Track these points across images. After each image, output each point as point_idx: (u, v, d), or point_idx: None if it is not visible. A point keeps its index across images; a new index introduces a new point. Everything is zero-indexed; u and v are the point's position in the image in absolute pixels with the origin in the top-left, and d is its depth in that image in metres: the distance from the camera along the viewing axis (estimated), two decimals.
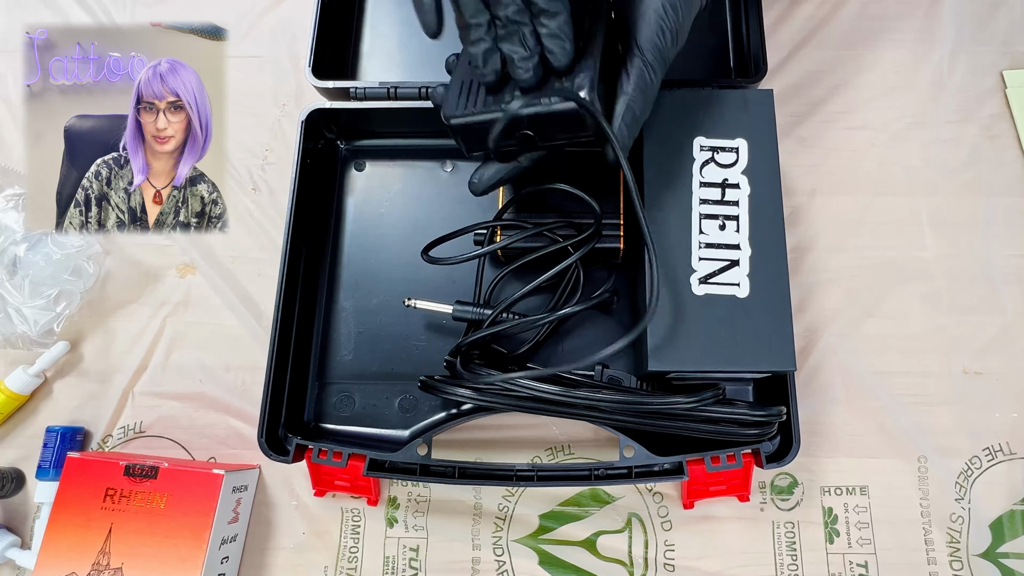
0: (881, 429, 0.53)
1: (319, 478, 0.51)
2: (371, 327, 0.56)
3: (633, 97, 0.42)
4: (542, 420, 0.54)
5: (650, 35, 0.42)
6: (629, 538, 0.52)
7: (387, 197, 0.59)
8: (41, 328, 0.55)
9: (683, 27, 0.42)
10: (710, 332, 0.44)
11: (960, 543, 0.50)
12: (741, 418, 0.45)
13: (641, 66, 0.42)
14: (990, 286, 0.56)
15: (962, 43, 0.62)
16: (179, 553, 0.47)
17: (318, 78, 0.57)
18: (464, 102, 0.43)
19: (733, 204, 0.46)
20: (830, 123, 0.60)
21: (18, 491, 0.54)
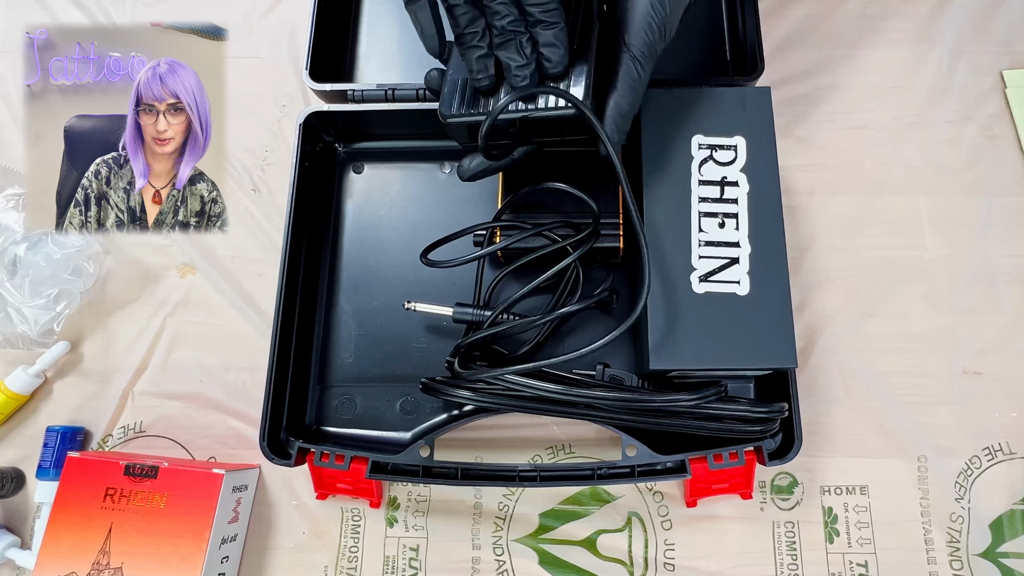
0: (881, 429, 0.53)
1: (321, 481, 0.51)
2: (371, 329, 0.56)
3: (622, 93, 0.42)
4: (543, 419, 0.54)
5: (638, 30, 0.42)
6: (629, 537, 0.52)
7: (386, 199, 0.59)
8: (41, 328, 0.55)
9: (671, 22, 0.43)
10: (711, 330, 0.44)
11: (960, 543, 0.50)
12: (743, 415, 0.45)
13: (630, 62, 0.42)
14: (990, 286, 0.56)
15: (962, 43, 0.62)
16: (179, 553, 0.46)
17: (316, 81, 0.57)
18: (460, 100, 0.43)
19: (732, 202, 0.46)
20: (830, 123, 0.60)
21: (18, 491, 0.54)
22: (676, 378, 0.48)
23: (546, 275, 0.49)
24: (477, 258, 0.51)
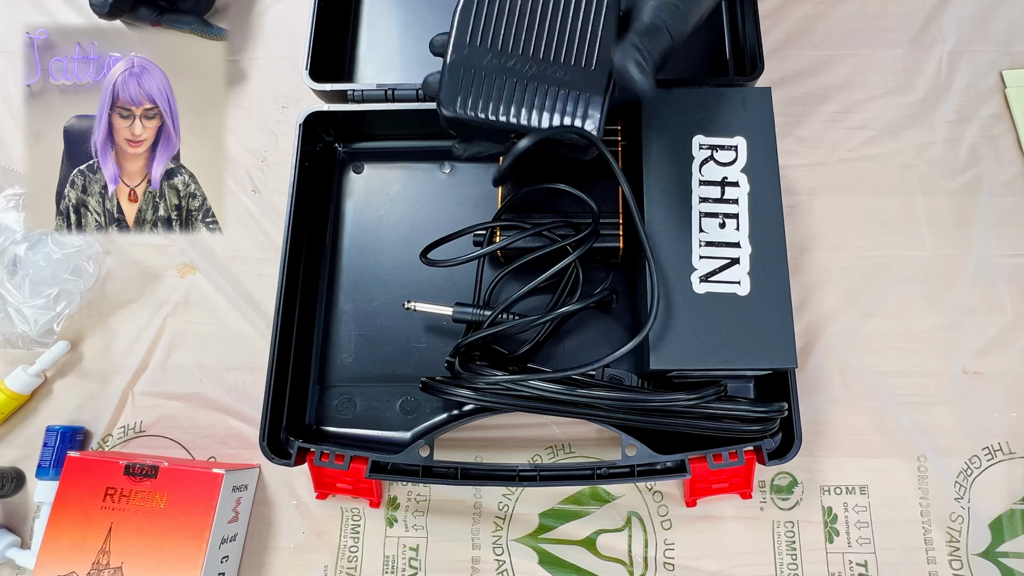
0: (881, 429, 0.53)
1: (321, 481, 0.51)
2: (371, 329, 0.56)
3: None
4: (543, 419, 0.54)
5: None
6: (629, 537, 0.52)
7: (386, 199, 0.59)
8: (41, 328, 0.55)
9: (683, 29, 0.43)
10: (711, 330, 0.44)
11: (960, 542, 0.50)
12: (743, 415, 0.45)
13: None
14: (990, 286, 0.56)
15: (962, 43, 0.62)
16: (179, 552, 0.46)
17: (315, 81, 0.57)
18: (460, 96, 0.43)
19: (733, 202, 0.46)
20: (830, 123, 0.60)
21: (18, 491, 0.54)
22: (676, 378, 0.48)
23: (546, 275, 0.49)
24: (477, 257, 0.51)
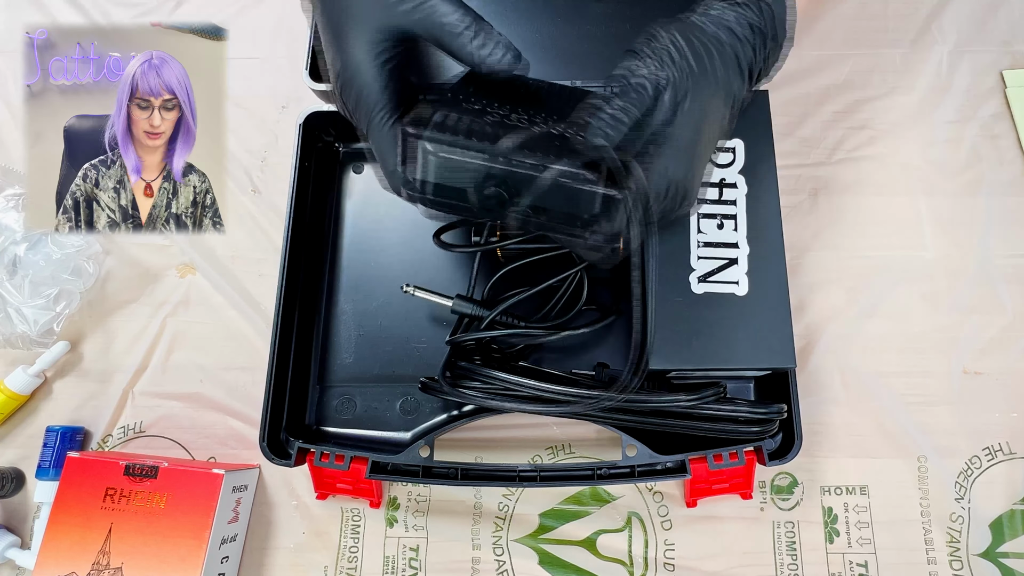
0: (881, 429, 0.53)
1: (321, 481, 0.51)
2: (371, 330, 0.56)
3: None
4: (543, 420, 0.54)
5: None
6: (629, 537, 0.52)
7: (386, 200, 0.59)
8: (41, 328, 0.55)
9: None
10: (710, 330, 0.44)
11: (960, 543, 0.50)
12: (742, 415, 0.45)
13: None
14: (990, 286, 0.55)
15: (962, 43, 0.62)
16: (179, 553, 0.46)
17: (315, 81, 0.57)
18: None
19: (731, 203, 0.46)
20: (830, 123, 0.60)
21: (18, 491, 0.54)
22: (675, 378, 0.48)
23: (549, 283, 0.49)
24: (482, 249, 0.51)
